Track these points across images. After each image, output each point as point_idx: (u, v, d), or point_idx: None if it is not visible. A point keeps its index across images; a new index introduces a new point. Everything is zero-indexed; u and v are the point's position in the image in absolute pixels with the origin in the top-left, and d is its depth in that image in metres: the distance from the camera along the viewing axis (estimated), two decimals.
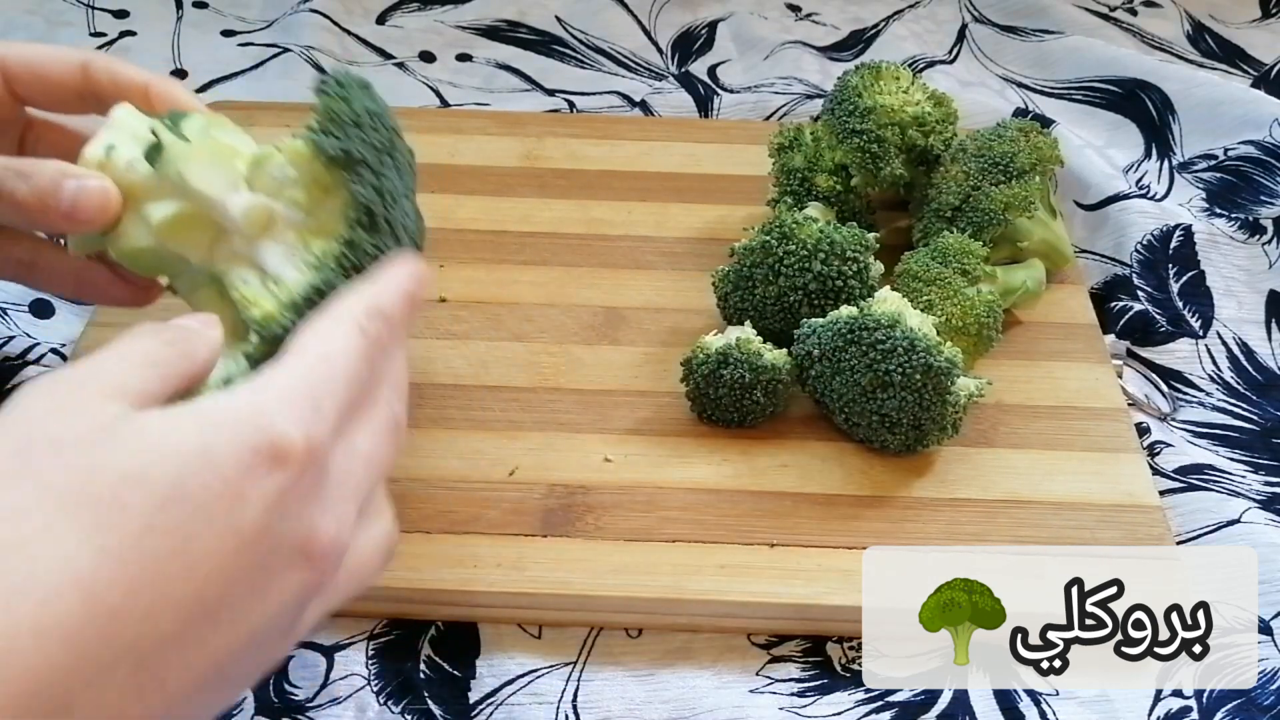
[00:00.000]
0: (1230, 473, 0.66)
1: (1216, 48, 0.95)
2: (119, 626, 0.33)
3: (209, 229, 0.51)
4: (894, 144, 0.70)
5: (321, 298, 0.48)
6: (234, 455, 0.35)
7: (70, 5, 0.93)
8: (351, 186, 0.49)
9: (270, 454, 0.36)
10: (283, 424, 0.37)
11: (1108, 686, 0.57)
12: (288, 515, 0.37)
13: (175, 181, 0.50)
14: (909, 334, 0.59)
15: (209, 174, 0.50)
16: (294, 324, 0.47)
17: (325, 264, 0.49)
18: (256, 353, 0.48)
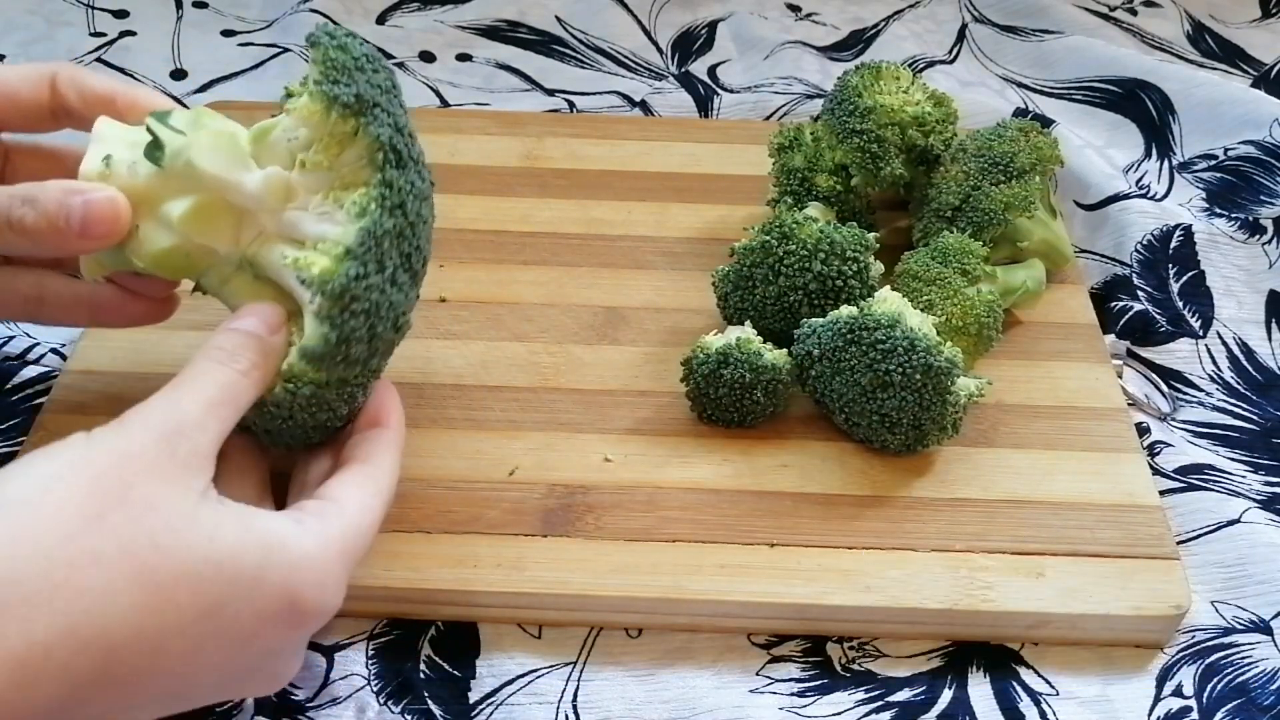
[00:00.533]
0: (1230, 473, 0.66)
1: (1216, 48, 0.95)
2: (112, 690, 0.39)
3: (230, 215, 0.50)
4: (894, 144, 0.70)
5: (375, 241, 0.48)
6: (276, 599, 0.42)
7: (70, 5, 0.93)
8: (372, 129, 0.48)
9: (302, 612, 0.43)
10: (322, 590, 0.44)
11: (1108, 686, 0.57)
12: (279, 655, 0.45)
13: (184, 173, 0.49)
14: (909, 334, 0.59)
15: (217, 159, 0.49)
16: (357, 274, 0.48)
17: (368, 208, 0.48)
18: (322, 310, 0.48)
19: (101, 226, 0.48)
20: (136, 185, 0.50)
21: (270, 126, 0.50)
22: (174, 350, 0.66)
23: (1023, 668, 0.57)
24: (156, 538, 0.40)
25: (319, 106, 0.48)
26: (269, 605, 0.42)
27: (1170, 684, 0.57)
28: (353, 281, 0.48)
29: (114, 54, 0.89)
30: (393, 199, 0.49)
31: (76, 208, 0.48)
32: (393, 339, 0.53)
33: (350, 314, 0.48)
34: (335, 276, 0.48)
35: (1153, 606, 0.57)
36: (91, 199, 0.48)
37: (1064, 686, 0.57)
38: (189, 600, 0.40)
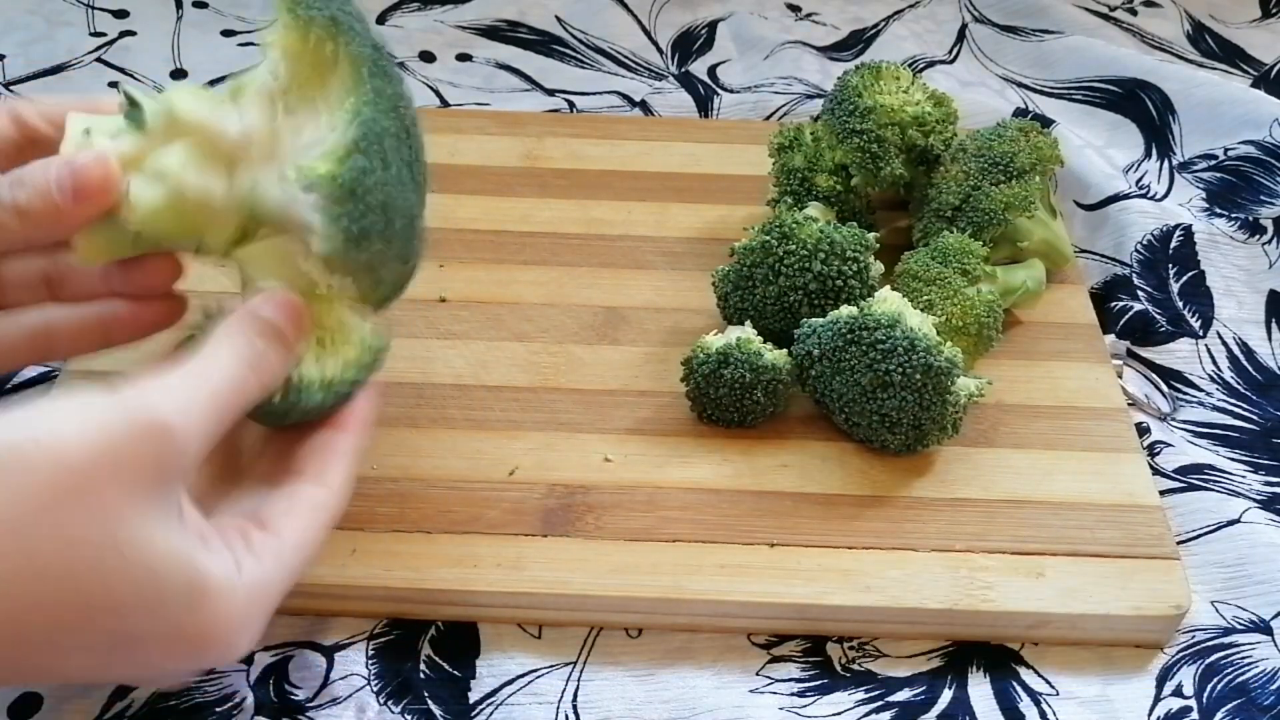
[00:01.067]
0: (1230, 473, 0.66)
1: (1216, 48, 0.95)
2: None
3: (220, 161, 0.49)
4: (894, 144, 0.70)
5: (375, 138, 0.47)
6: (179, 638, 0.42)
7: (70, 5, 0.93)
8: (352, 48, 0.48)
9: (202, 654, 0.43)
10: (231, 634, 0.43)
11: (1108, 686, 0.57)
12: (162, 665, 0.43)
13: (167, 129, 0.48)
14: (909, 334, 0.59)
15: (198, 104, 0.49)
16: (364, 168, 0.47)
17: (363, 109, 0.47)
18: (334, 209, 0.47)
19: (93, 186, 0.47)
20: (121, 150, 0.48)
21: (247, 81, 0.49)
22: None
23: (1023, 668, 0.57)
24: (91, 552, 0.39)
25: (296, 34, 0.48)
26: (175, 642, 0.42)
27: (1170, 684, 0.57)
28: (362, 174, 0.47)
29: (114, 54, 0.89)
30: (385, 103, 0.48)
31: (65, 175, 0.47)
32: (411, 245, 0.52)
33: (366, 207, 0.47)
34: (343, 171, 0.46)
35: (1153, 606, 0.57)
36: (79, 162, 0.47)
37: (1064, 686, 0.57)
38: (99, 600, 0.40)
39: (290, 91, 0.49)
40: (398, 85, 0.50)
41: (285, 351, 0.48)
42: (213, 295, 0.51)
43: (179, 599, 0.41)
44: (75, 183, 0.47)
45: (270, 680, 0.55)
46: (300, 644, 0.56)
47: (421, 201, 0.53)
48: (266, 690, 0.55)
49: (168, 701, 0.54)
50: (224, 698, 0.54)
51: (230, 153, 0.49)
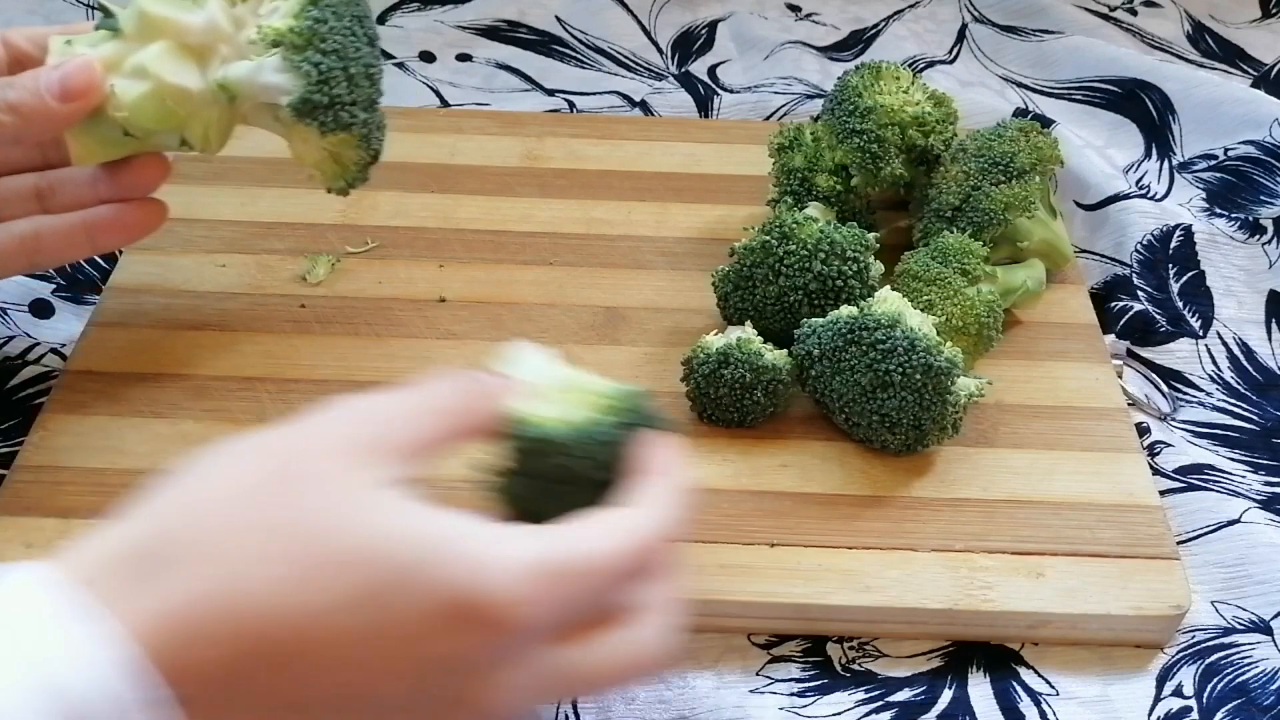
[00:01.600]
0: (1230, 473, 0.66)
1: (1216, 48, 0.95)
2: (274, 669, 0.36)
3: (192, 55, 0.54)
4: (894, 144, 0.70)
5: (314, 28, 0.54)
6: (433, 597, 0.36)
7: (70, 5, 0.93)
8: None
9: (467, 615, 0.36)
10: (494, 592, 0.37)
11: (1108, 686, 0.57)
12: (464, 674, 0.38)
13: (139, 30, 0.54)
14: (909, 334, 0.59)
15: (165, 6, 0.54)
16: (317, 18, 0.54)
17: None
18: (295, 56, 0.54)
19: (78, 86, 0.52)
20: (100, 54, 0.54)
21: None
22: (174, 350, 0.66)
23: (1023, 668, 0.57)
24: (312, 516, 0.37)
25: None
26: (429, 602, 0.36)
27: (1170, 684, 0.57)
28: (317, 24, 0.53)
29: None
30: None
31: (54, 77, 0.52)
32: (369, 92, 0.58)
33: (322, 53, 0.53)
34: (299, 23, 0.53)
35: (1153, 606, 0.57)
36: (66, 66, 0.53)
37: (1064, 686, 0.57)
38: (343, 584, 0.36)
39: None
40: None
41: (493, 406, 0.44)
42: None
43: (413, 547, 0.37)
44: (63, 83, 0.52)
45: None
46: None
47: (375, 54, 0.58)
48: None
49: None
50: None
51: (201, 46, 0.54)
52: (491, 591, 0.36)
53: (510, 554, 0.37)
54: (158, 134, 0.56)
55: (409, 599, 0.36)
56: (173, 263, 0.70)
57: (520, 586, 0.37)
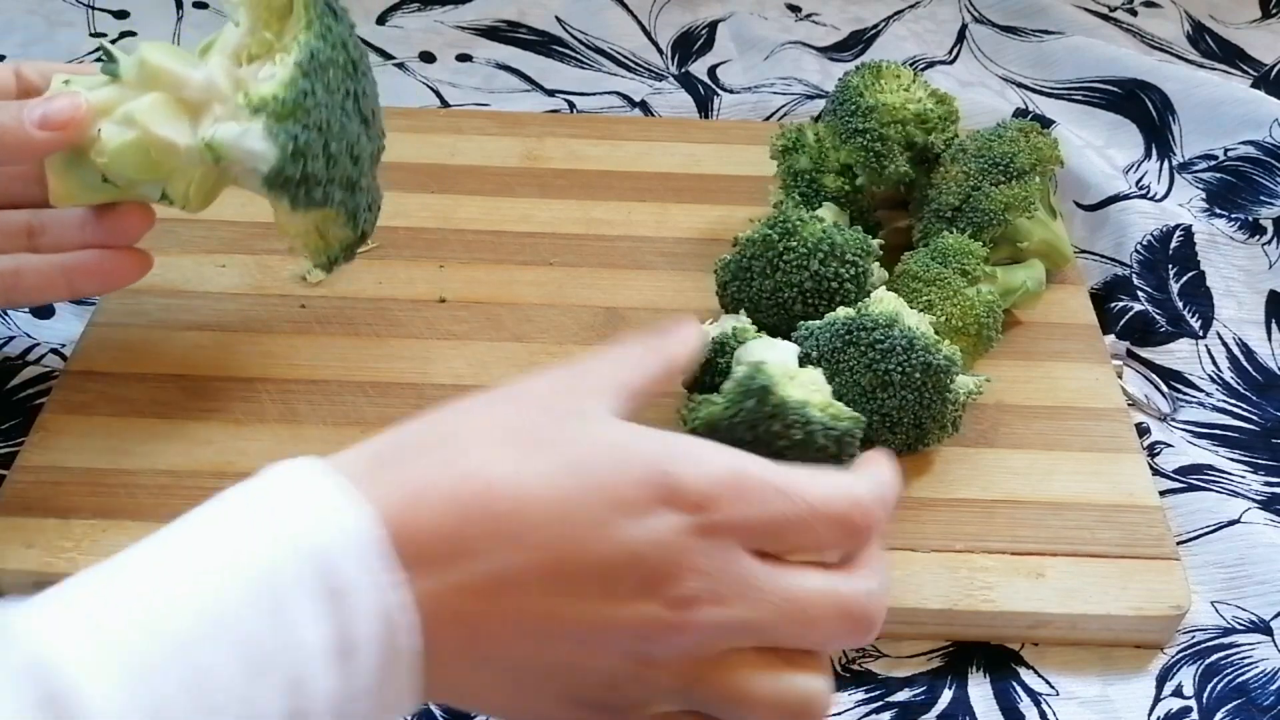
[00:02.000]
0: (1230, 473, 0.66)
1: (1216, 48, 0.95)
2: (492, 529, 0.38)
3: (186, 110, 0.53)
4: (897, 142, 0.70)
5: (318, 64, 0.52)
6: (641, 467, 0.39)
7: (70, 5, 0.93)
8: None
9: (671, 484, 0.39)
10: (699, 474, 0.40)
11: (1108, 686, 0.57)
12: (663, 548, 0.39)
13: (139, 78, 0.53)
14: (907, 333, 0.59)
15: (168, 57, 0.53)
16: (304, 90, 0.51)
17: (311, 40, 0.52)
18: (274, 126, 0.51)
19: (59, 116, 0.52)
20: (94, 98, 0.53)
21: (213, 39, 0.54)
22: (174, 350, 0.66)
23: (1023, 668, 0.57)
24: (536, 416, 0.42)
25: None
26: (633, 473, 0.39)
27: (1170, 684, 0.57)
28: (302, 95, 0.51)
29: None
30: (332, 38, 0.52)
31: (36, 105, 0.53)
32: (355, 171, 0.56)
33: (303, 126, 0.52)
34: (285, 93, 0.51)
35: (1153, 607, 0.57)
36: (51, 98, 0.53)
37: (1064, 687, 0.57)
38: (556, 456, 0.40)
39: (252, 37, 0.53)
40: (346, 26, 0.54)
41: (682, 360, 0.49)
42: None
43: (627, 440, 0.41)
44: (45, 113, 0.52)
45: None
46: None
47: (371, 138, 0.57)
48: None
49: None
50: None
51: (196, 103, 0.53)
52: (694, 473, 0.39)
53: (719, 456, 0.41)
54: (139, 184, 0.55)
55: (617, 469, 0.39)
56: (172, 263, 0.70)
57: (723, 479, 0.40)
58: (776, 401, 0.54)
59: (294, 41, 0.52)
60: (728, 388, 0.56)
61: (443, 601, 0.38)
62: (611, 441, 0.41)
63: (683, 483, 0.39)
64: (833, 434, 0.55)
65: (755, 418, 0.54)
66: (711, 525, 0.39)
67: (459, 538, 0.38)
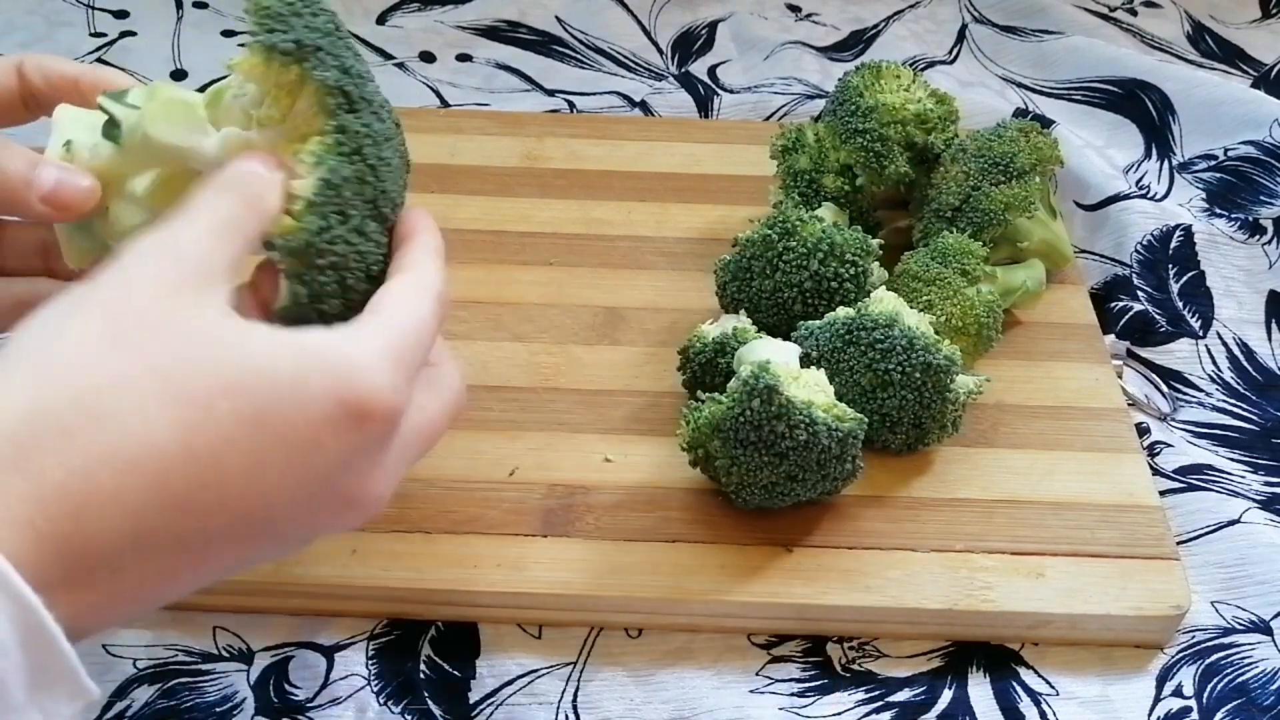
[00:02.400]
0: (1230, 473, 0.66)
1: (1216, 48, 0.95)
2: (176, 515, 0.37)
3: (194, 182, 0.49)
4: (898, 142, 0.70)
5: (334, 191, 0.47)
6: (323, 402, 0.39)
7: (70, 5, 0.93)
8: (316, 74, 0.47)
9: (357, 413, 0.39)
10: (374, 387, 0.40)
11: (1108, 686, 0.57)
12: (350, 468, 0.40)
13: (143, 148, 0.49)
14: (907, 332, 0.59)
15: (173, 129, 0.49)
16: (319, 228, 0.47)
17: (325, 157, 0.47)
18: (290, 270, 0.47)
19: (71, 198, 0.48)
20: (99, 166, 0.50)
21: (223, 88, 0.49)
22: None
23: (1023, 668, 0.57)
24: (181, 351, 0.38)
25: (259, 58, 0.47)
26: (318, 408, 0.39)
27: (1170, 684, 0.57)
28: (315, 236, 0.47)
29: (114, 54, 0.89)
30: (349, 144, 0.48)
31: (50, 176, 0.48)
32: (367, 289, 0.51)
33: (318, 270, 0.48)
34: (298, 233, 0.47)
35: (1153, 606, 0.57)
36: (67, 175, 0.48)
37: (1064, 686, 0.57)
38: (230, 410, 0.37)
39: (262, 109, 0.49)
40: (366, 114, 0.50)
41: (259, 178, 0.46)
42: None
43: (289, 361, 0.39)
44: (56, 189, 0.48)
45: (270, 680, 0.55)
46: (300, 644, 0.56)
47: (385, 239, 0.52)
48: (266, 690, 0.55)
49: (168, 702, 0.54)
50: (224, 698, 0.55)
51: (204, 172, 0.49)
52: (373, 387, 0.39)
53: (371, 350, 0.40)
54: None
55: (300, 409, 0.38)
56: None
57: (390, 376, 0.40)
58: (782, 402, 0.54)
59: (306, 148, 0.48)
60: (732, 387, 0.56)
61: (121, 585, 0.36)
62: (278, 373, 0.38)
63: (365, 402, 0.39)
64: (836, 435, 0.55)
65: (760, 418, 0.54)
66: (391, 429, 0.41)
67: (141, 523, 0.36)
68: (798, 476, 0.56)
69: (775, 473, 0.56)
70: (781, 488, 0.57)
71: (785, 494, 0.57)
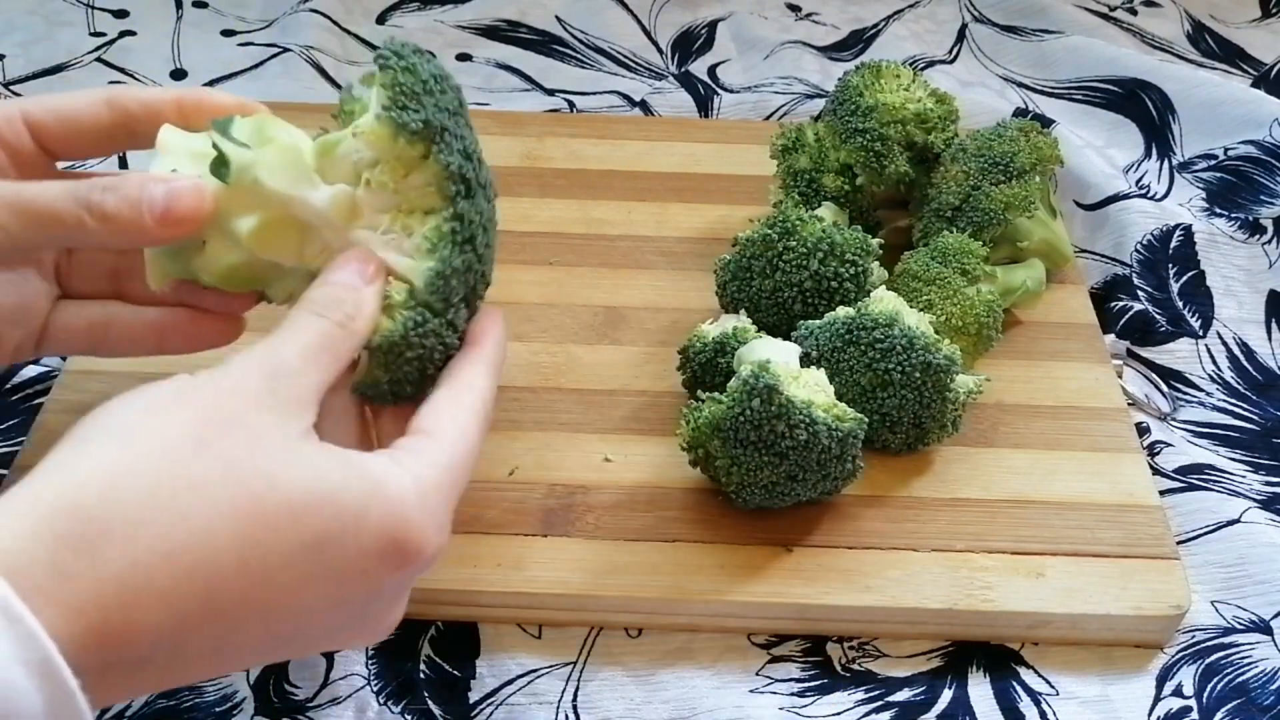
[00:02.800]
0: (1230, 473, 0.66)
1: (1216, 48, 0.95)
2: (215, 623, 0.38)
3: (295, 230, 0.49)
4: (898, 141, 0.70)
5: (444, 281, 0.47)
6: (379, 537, 0.41)
7: (70, 5, 0.93)
8: (442, 158, 0.47)
9: (407, 552, 0.42)
10: (425, 528, 0.42)
11: (1108, 686, 0.57)
12: (383, 598, 0.43)
13: (251, 189, 0.47)
14: (907, 332, 0.59)
15: (283, 175, 0.48)
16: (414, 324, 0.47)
17: (439, 246, 0.47)
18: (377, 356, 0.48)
19: (183, 210, 0.46)
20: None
21: (336, 141, 0.48)
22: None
23: (1023, 668, 0.57)
24: (261, 467, 0.39)
25: (386, 131, 0.47)
26: (372, 543, 0.41)
27: (1170, 684, 0.57)
28: (411, 331, 0.47)
29: (114, 54, 0.89)
30: (463, 233, 0.48)
31: (159, 194, 0.46)
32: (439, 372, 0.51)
33: (404, 361, 0.48)
34: (392, 333, 0.47)
35: (1153, 606, 0.57)
36: (175, 184, 0.47)
37: (1064, 686, 0.57)
38: (293, 532, 0.39)
39: (375, 170, 0.48)
40: (480, 199, 0.49)
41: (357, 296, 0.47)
42: None
43: (355, 494, 0.41)
44: (168, 204, 0.46)
45: (270, 680, 0.55)
46: None
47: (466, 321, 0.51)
48: (266, 690, 0.55)
49: (168, 702, 0.54)
50: (224, 698, 0.55)
51: (306, 222, 0.48)
52: (424, 529, 0.42)
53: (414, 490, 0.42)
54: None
55: (357, 540, 0.40)
56: None
57: (429, 517, 0.42)
58: (782, 402, 0.54)
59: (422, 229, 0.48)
60: (732, 387, 0.56)
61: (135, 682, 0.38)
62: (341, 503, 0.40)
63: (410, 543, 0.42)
64: (836, 435, 0.55)
65: (760, 418, 0.54)
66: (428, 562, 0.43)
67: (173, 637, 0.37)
68: (798, 476, 0.56)
69: (775, 472, 0.56)
70: (781, 487, 0.57)
71: (785, 494, 0.57)
